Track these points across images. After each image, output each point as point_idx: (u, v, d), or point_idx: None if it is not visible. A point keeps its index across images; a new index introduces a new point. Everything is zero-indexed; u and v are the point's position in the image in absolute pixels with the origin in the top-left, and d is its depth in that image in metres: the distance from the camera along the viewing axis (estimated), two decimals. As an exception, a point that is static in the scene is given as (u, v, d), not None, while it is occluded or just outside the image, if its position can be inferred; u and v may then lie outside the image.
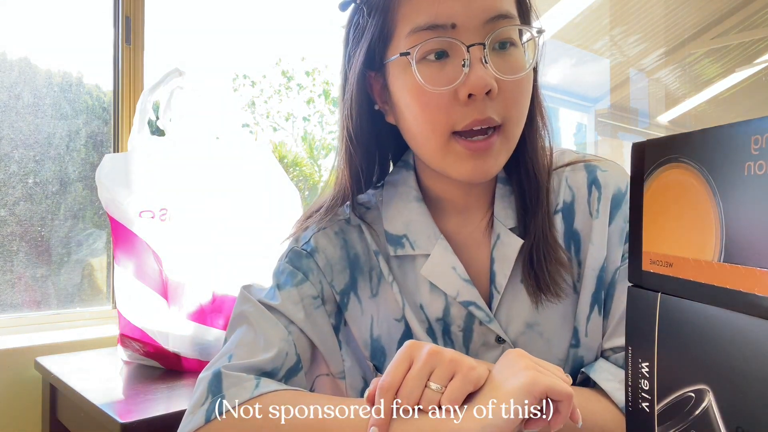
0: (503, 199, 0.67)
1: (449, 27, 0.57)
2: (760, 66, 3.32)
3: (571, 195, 0.68)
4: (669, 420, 0.35)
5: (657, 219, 0.37)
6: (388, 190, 0.70)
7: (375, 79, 0.65)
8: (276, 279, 0.68)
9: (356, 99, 0.64)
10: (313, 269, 0.67)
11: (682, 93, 3.56)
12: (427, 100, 0.58)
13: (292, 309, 0.64)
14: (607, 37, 3.31)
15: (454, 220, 0.68)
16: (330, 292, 0.67)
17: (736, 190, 0.30)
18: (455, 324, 0.65)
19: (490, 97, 0.57)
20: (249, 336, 0.62)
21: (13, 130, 1.37)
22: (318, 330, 0.65)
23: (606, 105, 3.55)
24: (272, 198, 1.16)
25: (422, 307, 0.65)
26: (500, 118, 0.58)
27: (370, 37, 0.61)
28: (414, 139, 0.63)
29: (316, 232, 0.68)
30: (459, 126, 0.58)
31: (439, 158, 0.61)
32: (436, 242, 0.66)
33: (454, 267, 0.64)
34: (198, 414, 0.55)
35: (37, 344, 1.23)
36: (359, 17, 0.63)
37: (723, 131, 0.32)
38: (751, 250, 0.29)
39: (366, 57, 0.62)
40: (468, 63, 0.56)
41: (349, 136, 0.65)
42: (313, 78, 4.49)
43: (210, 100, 1.23)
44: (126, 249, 1.10)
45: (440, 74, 0.58)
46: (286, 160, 3.85)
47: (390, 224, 0.68)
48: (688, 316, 0.34)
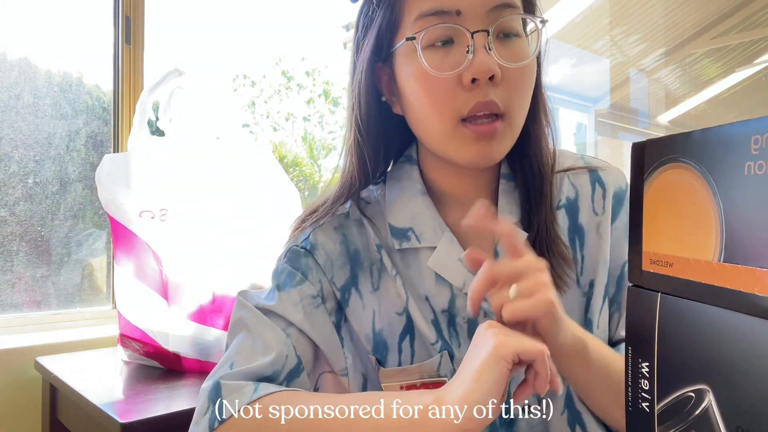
0: (507, 194, 0.68)
1: (454, 13, 0.59)
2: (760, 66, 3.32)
3: (574, 192, 0.69)
4: (669, 420, 0.35)
5: (657, 219, 0.37)
6: (391, 184, 0.71)
7: (382, 71, 0.66)
8: (275, 280, 0.68)
9: (365, 88, 0.65)
10: (312, 268, 0.67)
11: (682, 93, 3.56)
12: (432, 85, 0.60)
13: (291, 310, 0.64)
14: (607, 37, 3.31)
15: (456, 213, 0.69)
16: (330, 290, 0.67)
17: (736, 190, 0.30)
18: (460, 315, 0.65)
19: (493, 83, 0.58)
20: (247, 342, 0.62)
21: (13, 130, 1.37)
22: (318, 329, 0.65)
23: (606, 105, 3.55)
24: (272, 198, 1.16)
25: (428, 298, 0.66)
26: (503, 105, 0.59)
27: (378, 26, 0.63)
28: (420, 126, 0.64)
29: (315, 228, 0.69)
30: (464, 111, 0.59)
31: (444, 143, 0.62)
32: (442, 234, 0.66)
33: (460, 258, 0.65)
34: (201, 423, 0.56)
35: (37, 344, 1.23)
36: (369, 7, 0.65)
37: (723, 131, 0.32)
38: (751, 250, 0.29)
39: (375, 46, 0.64)
40: (472, 49, 0.58)
41: (358, 125, 0.66)
42: (313, 78, 4.49)
43: (210, 100, 1.23)
44: (126, 249, 1.10)
45: (445, 60, 0.59)
46: (286, 160, 3.85)
47: (395, 218, 0.68)
48: (688, 316, 0.34)
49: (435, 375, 0.65)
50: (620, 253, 0.68)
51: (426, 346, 0.65)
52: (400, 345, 0.66)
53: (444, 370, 0.64)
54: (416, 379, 0.65)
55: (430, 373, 0.65)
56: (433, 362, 0.64)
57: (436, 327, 0.65)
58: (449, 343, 0.65)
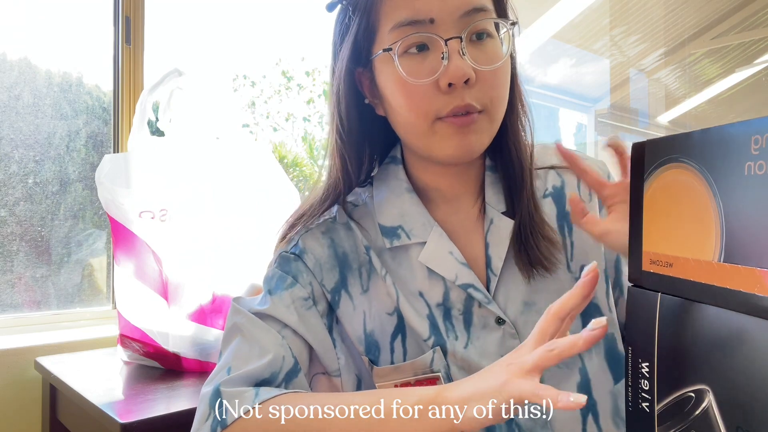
0: (493, 185, 0.70)
1: (427, 22, 0.60)
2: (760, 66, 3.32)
3: (560, 181, 0.72)
4: (669, 420, 0.35)
5: (657, 219, 0.37)
6: (378, 185, 0.72)
7: (363, 75, 0.68)
8: (267, 285, 0.69)
9: (344, 94, 0.67)
10: (302, 271, 0.68)
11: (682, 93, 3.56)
12: (411, 91, 0.62)
13: (284, 312, 0.65)
14: (607, 37, 3.31)
15: (444, 209, 0.70)
16: (321, 292, 0.68)
17: (736, 190, 0.30)
18: (455, 308, 0.66)
19: (468, 85, 0.60)
20: (244, 347, 0.63)
21: (13, 131, 1.37)
22: (312, 330, 0.66)
23: (606, 105, 3.55)
24: (272, 198, 1.16)
25: (422, 294, 0.67)
26: (480, 104, 0.61)
27: (354, 34, 0.65)
28: (402, 127, 0.66)
29: (303, 234, 0.70)
30: (442, 113, 0.61)
31: (425, 141, 0.64)
32: (431, 229, 0.68)
33: (450, 252, 0.66)
34: (203, 430, 0.57)
35: (37, 344, 1.23)
36: (344, 16, 0.67)
37: (723, 131, 0.31)
38: (751, 250, 0.29)
39: (352, 53, 0.66)
40: (446, 55, 0.60)
41: (338, 130, 0.68)
42: (313, 78, 4.50)
43: (210, 100, 1.23)
44: (126, 249, 1.10)
45: (421, 67, 0.61)
46: (286, 161, 3.85)
47: (384, 217, 0.70)
48: (688, 316, 0.34)
49: (428, 371, 0.65)
50: None
51: (418, 343, 0.66)
52: (392, 344, 0.67)
53: (437, 366, 0.65)
54: (410, 376, 0.66)
55: (424, 370, 0.65)
56: (425, 358, 0.65)
57: (431, 321, 0.66)
58: (444, 338, 0.65)
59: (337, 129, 0.68)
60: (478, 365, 0.64)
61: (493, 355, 0.65)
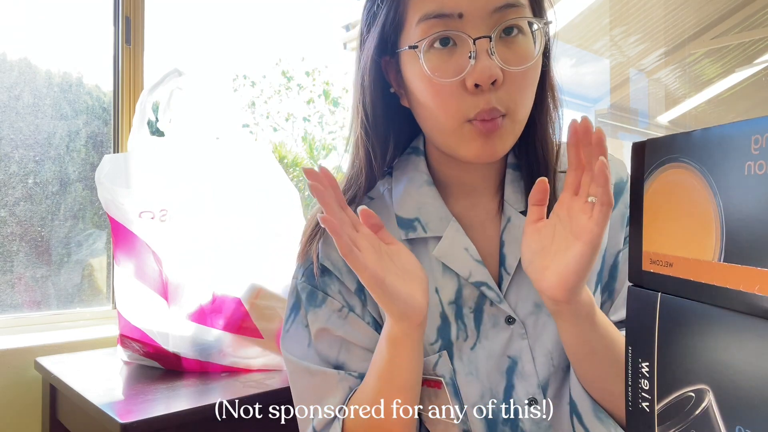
0: (513, 183, 0.69)
1: (456, 16, 0.58)
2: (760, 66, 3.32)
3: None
4: (669, 420, 0.35)
5: (657, 219, 0.37)
6: (398, 176, 0.71)
7: (390, 65, 0.67)
8: (296, 298, 0.69)
9: (369, 84, 0.66)
10: (327, 283, 0.68)
11: (682, 93, 3.56)
12: (438, 89, 0.60)
13: (327, 349, 0.67)
14: (607, 37, 3.31)
15: (462, 203, 0.69)
16: (349, 292, 0.68)
17: (736, 190, 0.30)
18: (467, 306, 0.66)
19: (495, 86, 0.59)
20: (314, 395, 0.66)
21: (13, 131, 1.37)
22: (357, 332, 0.66)
23: (606, 105, 3.55)
24: (272, 198, 1.16)
25: (437, 290, 0.66)
26: (505, 107, 0.60)
27: (382, 24, 0.63)
28: (427, 122, 0.65)
29: (319, 242, 0.69)
30: (470, 114, 0.60)
31: (449, 139, 0.62)
32: (448, 224, 0.67)
33: (466, 248, 0.66)
34: None
35: (37, 344, 1.23)
36: (372, 5, 0.66)
37: (723, 131, 0.31)
38: (751, 250, 0.29)
39: (379, 42, 0.64)
40: (474, 54, 0.58)
41: (364, 119, 0.67)
42: (313, 78, 4.49)
43: (210, 100, 1.23)
44: (126, 249, 1.10)
45: (447, 64, 0.59)
46: (286, 161, 3.85)
47: (401, 209, 0.69)
48: (688, 316, 0.34)
49: (432, 373, 0.65)
50: (615, 242, 0.68)
51: (425, 345, 0.65)
52: None
53: (441, 370, 0.65)
54: None
55: (427, 371, 0.65)
56: (429, 360, 0.65)
57: (444, 320, 0.66)
58: (452, 340, 0.65)
59: (362, 122, 0.67)
60: (485, 367, 0.64)
61: (499, 356, 0.65)
